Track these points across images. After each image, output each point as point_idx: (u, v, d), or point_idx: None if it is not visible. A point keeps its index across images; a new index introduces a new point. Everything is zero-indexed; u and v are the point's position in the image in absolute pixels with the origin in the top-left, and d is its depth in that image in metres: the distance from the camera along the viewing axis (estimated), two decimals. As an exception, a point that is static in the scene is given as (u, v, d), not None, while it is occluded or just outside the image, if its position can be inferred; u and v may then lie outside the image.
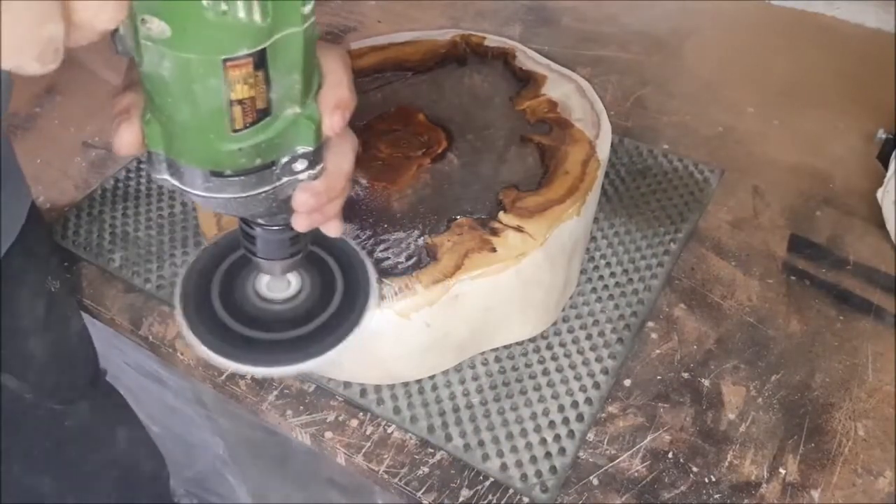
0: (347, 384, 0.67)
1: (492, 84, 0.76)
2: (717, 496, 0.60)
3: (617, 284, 0.74)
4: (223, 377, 0.69)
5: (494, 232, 0.62)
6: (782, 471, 0.62)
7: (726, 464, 0.62)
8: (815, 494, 0.60)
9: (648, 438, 0.64)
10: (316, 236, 0.49)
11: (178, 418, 1.00)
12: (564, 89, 0.74)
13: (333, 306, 0.52)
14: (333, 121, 0.40)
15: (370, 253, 0.61)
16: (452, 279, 0.59)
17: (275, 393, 0.67)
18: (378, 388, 0.66)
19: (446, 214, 0.64)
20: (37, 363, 0.70)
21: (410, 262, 0.61)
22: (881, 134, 0.80)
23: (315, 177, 0.41)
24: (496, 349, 0.68)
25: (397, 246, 0.62)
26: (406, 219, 0.64)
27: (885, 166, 0.79)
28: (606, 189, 0.83)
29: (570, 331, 0.70)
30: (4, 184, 0.62)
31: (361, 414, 0.65)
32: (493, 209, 0.64)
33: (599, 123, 0.70)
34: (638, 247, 0.77)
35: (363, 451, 0.63)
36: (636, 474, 0.61)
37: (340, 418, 0.65)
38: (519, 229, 0.62)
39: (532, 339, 0.69)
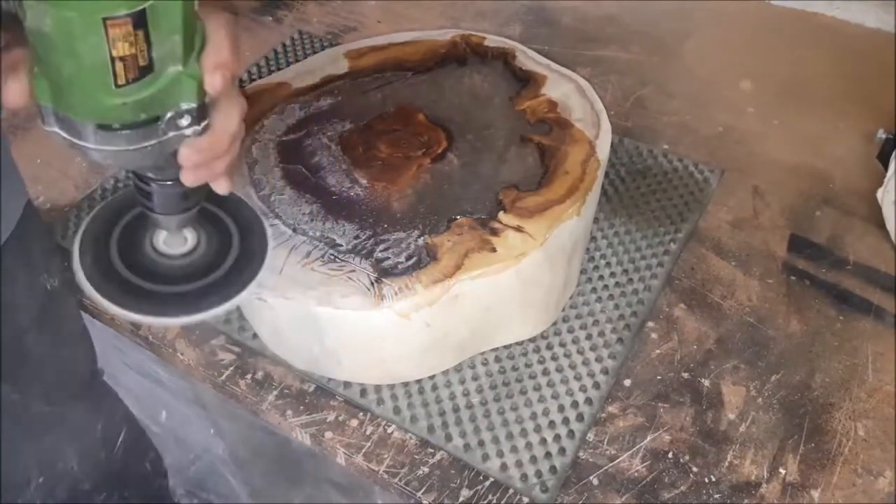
0: (347, 384, 0.67)
1: (492, 84, 0.76)
2: (717, 496, 0.60)
3: (617, 284, 0.74)
4: (223, 377, 0.69)
5: (494, 232, 0.62)
6: (782, 471, 0.62)
7: (726, 464, 0.62)
8: (815, 494, 0.60)
9: (648, 438, 0.64)
10: (217, 198, 0.51)
11: (178, 418, 1.00)
12: (564, 89, 0.74)
13: (227, 265, 0.54)
14: (213, 80, 0.42)
15: (370, 253, 0.61)
16: (452, 279, 0.59)
17: (275, 393, 0.67)
18: (378, 388, 0.66)
19: (446, 214, 0.64)
20: (31, 361, 0.70)
21: (410, 262, 0.61)
22: (881, 134, 0.81)
23: (199, 133, 0.43)
24: (496, 349, 0.68)
25: (397, 246, 0.62)
26: (406, 219, 0.64)
27: (885, 166, 0.79)
28: (606, 189, 0.83)
29: (570, 331, 0.70)
30: (1, 181, 0.62)
31: (361, 414, 0.65)
32: (493, 209, 0.64)
33: (599, 123, 0.70)
34: (638, 247, 0.77)
35: (363, 451, 0.63)
36: (636, 474, 0.61)
37: (340, 418, 0.65)
38: (519, 229, 0.62)
39: (532, 339, 0.69)
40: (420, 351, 0.64)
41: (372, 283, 0.59)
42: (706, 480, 0.61)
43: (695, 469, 0.62)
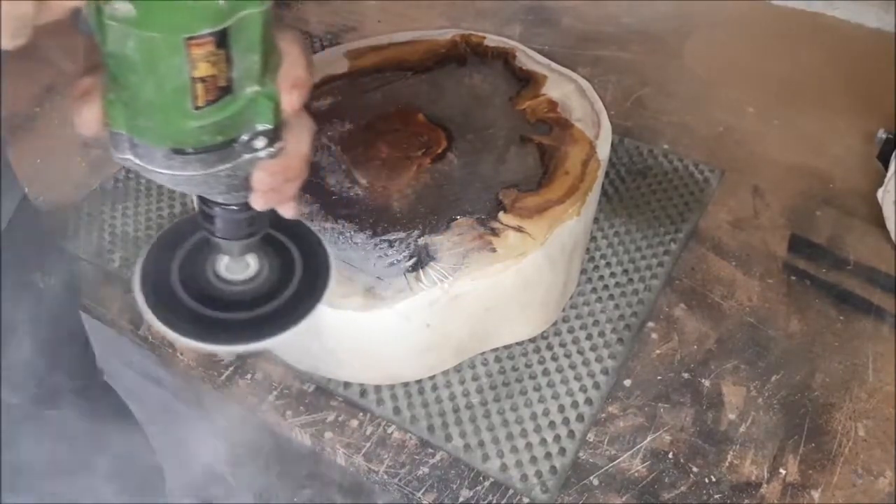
0: (347, 384, 0.67)
1: (492, 84, 0.76)
2: (717, 496, 0.60)
3: (617, 284, 0.74)
4: (223, 377, 0.69)
5: (494, 232, 0.62)
6: (782, 471, 0.62)
7: (726, 464, 0.62)
8: (815, 494, 0.60)
9: (648, 438, 0.63)
10: (279, 222, 0.50)
11: (178, 419, 1.00)
12: (564, 89, 0.74)
13: (289, 291, 0.53)
14: (291, 99, 0.41)
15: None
16: (452, 279, 0.59)
17: (275, 393, 0.67)
18: (378, 388, 0.66)
19: (446, 214, 0.64)
20: (23, 359, 0.70)
21: (410, 262, 0.61)
22: (881, 134, 0.81)
23: (273, 155, 0.43)
24: (496, 349, 0.68)
25: (397, 246, 0.62)
26: (406, 219, 0.64)
27: (885, 166, 0.79)
28: (606, 189, 0.83)
29: (570, 331, 0.70)
30: None
31: (361, 414, 0.65)
32: (493, 209, 0.64)
33: (599, 123, 0.70)
34: (638, 247, 0.77)
35: (363, 451, 0.63)
36: (636, 474, 0.61)
37: (340, 418, 0.65)
38: (519, 229, 0.62)
39: (532, 339, 0.69)
40: (420, 351, 0.63)
41: (372, 284, 0.59)
42: (706, 481, 0.61)
43: (695, 469, 0.62)
